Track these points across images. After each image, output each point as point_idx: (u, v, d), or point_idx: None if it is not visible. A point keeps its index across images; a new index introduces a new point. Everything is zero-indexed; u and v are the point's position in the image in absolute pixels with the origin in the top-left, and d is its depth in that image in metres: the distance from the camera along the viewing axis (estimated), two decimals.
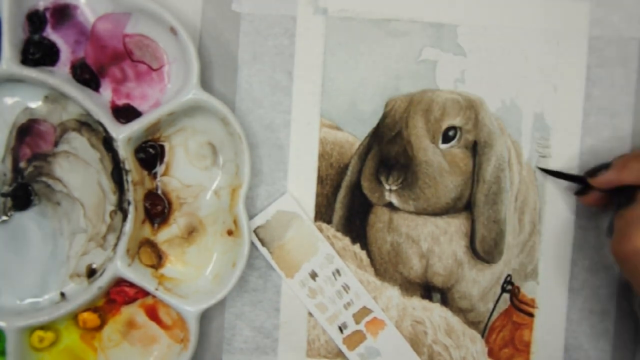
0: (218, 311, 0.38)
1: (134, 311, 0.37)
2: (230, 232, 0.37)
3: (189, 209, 0.37)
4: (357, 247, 0.38)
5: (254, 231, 0.37)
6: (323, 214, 0.38)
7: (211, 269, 0.37)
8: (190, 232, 0.37)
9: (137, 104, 0.36)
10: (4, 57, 0.34)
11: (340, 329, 0.38)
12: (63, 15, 0.36)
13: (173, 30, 0.34)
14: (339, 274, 0.37)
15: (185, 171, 0.37)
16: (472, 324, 0.38)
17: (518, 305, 0.38)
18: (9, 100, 0.36)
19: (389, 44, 0.37)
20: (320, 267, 0.37)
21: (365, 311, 0.37)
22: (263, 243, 0.37)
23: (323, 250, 0.37)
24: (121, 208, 0.36)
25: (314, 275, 0.37)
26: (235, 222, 0.36)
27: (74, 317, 0.37)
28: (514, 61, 0.37)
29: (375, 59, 0.37)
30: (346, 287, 0.37)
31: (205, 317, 0.38)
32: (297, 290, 0.37)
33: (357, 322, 0.38)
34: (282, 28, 0.37)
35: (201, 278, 0.37)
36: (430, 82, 0.37)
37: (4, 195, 0.36)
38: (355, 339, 0.38)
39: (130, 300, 0.37)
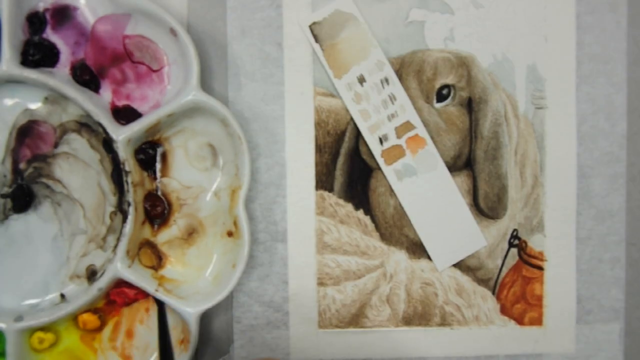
0: (222, 308, 0.38)
1: (134, 312, 0.37)
2: (230, 234, 0.36)
3: (188, 210, 0.37)
4: (360, 213, 0.38)
5: (310, 27, 0.36)
6: (324, 182, 0.38)
7: (211, 270, 0.37)
8: (190, 233, 0.37)
9: (137, 105, 0.36)
10: (3, 58, 0.34)
11: (381, 141, 0.37)
12: (63, 16, 0.36)
13: (173, 32, 0.34)
14: (387, 83, 0.36)
15: (185, 172, 0.37)
16: (482, 282, 0.38)
17: (527, 259, 0.38)
18: (9, 102, 0.36)
19: (376, 9, 0.37)
20: (369, 72, 0.36)
21: (408, 126, 0.37)
22: (317, 39, 0.36)
23: (374, 56, 0.36)
24: (121, 209, 0.36)
25: (361, 80, 0.36)
26: (235, 223, 0.36)
27: (74, 318, 0.37)
28: (502, 15, 0.37)
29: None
30: (392, 98, 0.36)
31: (206, 314, 0.38)
32: (342, 92, 0.37)
33: (399, 137, 0.37)
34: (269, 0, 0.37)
35: (201, 279, 0.37)
36: (419, 42, 0.37)
37: (4, 196, 0.36)
38: (394, 154, 0.37)
39: (130, 302, 0.37)
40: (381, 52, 0.37)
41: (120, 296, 0.37)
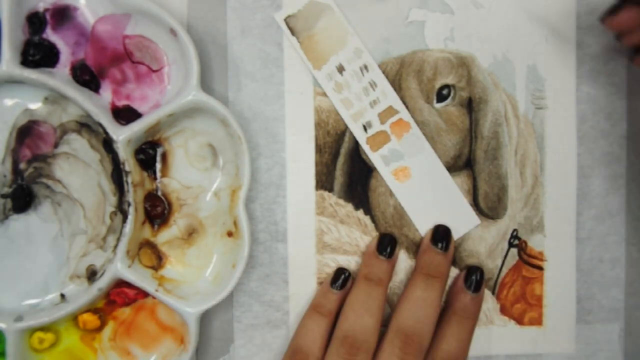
0: (222, 308, 0.38)
1: (134, 312, 0.37)
2: (230, 234, 0.36)
3: (189, 210, 0.37)
4: (360, 213, 0.38)
5: (284, 20, 0.36)
6: (324, 182, 0.38)
7: (211, 270, 0.37)
8: (190, 234, 0.37)
9: (137, 105, 0.36)
10: (3, 58, 0.34)
11: (365, 128, 0.37)
12: (63, 16, 0.36)
13: (173, 32, 0.34)
14: (367, 70, 0.36)
15: (185, 172, 0.37)
16: None
17: (527, 260, 0.38)
18: (9, 102, 0.36)
19: (376, 9, 0.37)
20: (348, 61, 0.36)
21: (391, 111, 0.36)
22: (293, 32, 0.36)
23: (352, 44, 0.36)
24: (121, 209, 0.36)
25: (341, 69, 0.36)
26: (235, 223, 0.36)
27: (74, 318, 0.37)
28: (503, 15, 0.37)
29: (363, 24, 0.37)
30: (373, 84, 0.36)
31: (206, 314, 0.38)
32: (323, 84, 0.37)
33: (382, 122, 0.36)
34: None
35: (201, 279, 0.37)
36: (420, 42, 0.37)
37: (4, 196, 0.36)
38: (379, 140, 0.37)
39: (130, 302, 0.37)
40: (358, 39, 0.36)
41: (120, 296, 0.37)
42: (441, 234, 0.37)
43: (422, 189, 0.38)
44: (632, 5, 0.32)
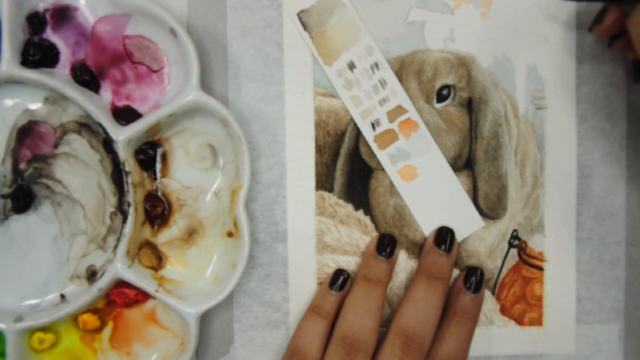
0: (222, 308, 0.38)
1: (134, 312, 0.37)
2: (230, 234, 0.36)
3: (189, 211, 0.37)
4: (360, 213, 0.38)
5: (297, 15, 0.36)
6: (324, 182, 0.38)
7: (211, 271, 0.37)
8: (190, 234, 0.37)
9: (137, 105, 0.36)
10: (4, 58, 0.34)
11: (373, 126, 0.37)
12: (63, 16, 0.35)
13: (173, 32, 0.34)
14: (377, 68, 0.36)
15: (185, 173, 0.37)
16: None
17: (527, 260, 0.38)
18: (9, 102, 0.36)
19: (376, 9, 0.37)
20: (359, 58, 0.36)
21: (400, 110, 0.36)
22: (305, 27, 0.36)
23: (363, 41, 0.36)
24: (121, 210, 0.36)
25: (352, 66, 0.36)
26: (235, 223, 0.36)
27: (74, 318, 0.37)
28: (503, 15, 0.37)
29: (363, 24, 0.37)
30: (383, 83, 0.36)
31: (206, 314, 0.38)
32: (333, 80, 0.37)
33: (391, 121, 0.36)
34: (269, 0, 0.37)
35: (201, 280, 0.37)
36: (420, 43, 0.37)
37: (4, 196, 0.36)
38: (386, 138, 0.37)
39: (130, 302, 0.37)
40: (370, 37, 0.36)
41: (120, 297, 0.37)
42: (444, 236, 0.37)
43: (428, 189, 0.38)
44: (614, 7, 0.33)
